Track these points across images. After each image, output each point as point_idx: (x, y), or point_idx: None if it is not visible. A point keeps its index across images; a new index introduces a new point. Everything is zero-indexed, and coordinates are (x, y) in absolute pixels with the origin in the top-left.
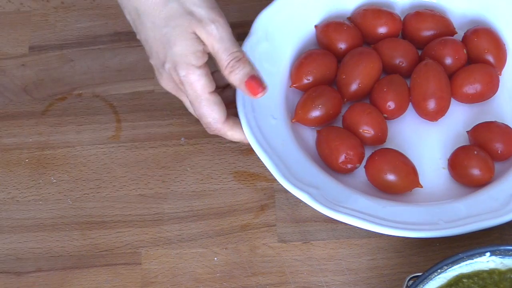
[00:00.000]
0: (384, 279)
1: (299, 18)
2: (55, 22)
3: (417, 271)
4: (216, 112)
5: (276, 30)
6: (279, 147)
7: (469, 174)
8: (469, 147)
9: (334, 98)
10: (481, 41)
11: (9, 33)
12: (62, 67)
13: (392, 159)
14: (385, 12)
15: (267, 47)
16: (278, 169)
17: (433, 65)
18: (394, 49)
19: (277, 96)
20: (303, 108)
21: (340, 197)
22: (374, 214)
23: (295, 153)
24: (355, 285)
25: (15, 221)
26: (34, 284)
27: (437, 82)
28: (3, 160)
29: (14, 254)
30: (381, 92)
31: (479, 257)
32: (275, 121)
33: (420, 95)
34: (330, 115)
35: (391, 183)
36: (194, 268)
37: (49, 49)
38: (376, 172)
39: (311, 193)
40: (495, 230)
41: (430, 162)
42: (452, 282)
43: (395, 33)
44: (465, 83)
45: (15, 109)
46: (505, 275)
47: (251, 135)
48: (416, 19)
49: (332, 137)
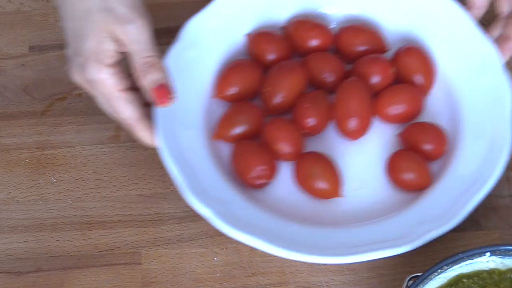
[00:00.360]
0: (384, 279)
1: (230, 26)
2: (55, 22)
3: (417, 271)
4: (129, 110)
5: (205, 38)
6: (191, 158)
7: (406, 178)
8: (405, 151)
9: (255, 115)
10: (410, 61)
11: (9, 33)
12: (62, 67)
13: (322, 163)
14: (317, 25)
15: (195, 55)
16: (186, 181)
17: (357, 83)
18: (322, 64)
19: (198, 106)
20: (224, 126)
21: (247, 214)
22: (278, 234)
23: (208, 166)
24: (355, 285)
25: (15, 221)
26: (34, 284)
27: (359, 101)
28: (3, 160)
29: (14, 254)
30: (302, 108)
31: (479, 257)
32: (193, 131)
33: (341, 113)
34: (251, 132)
35: (317, 188)
36: (194, 268)
37: (49, 49)
38: (303, 174)
39: (216, 209)
40: (495, 230)
41: (347, 182)
42: (452, 282)
43: (326, 46)
44: (389, 103)
45: (15, 109)
46: (505, 275)
47: (162, 142)
48: (348, 34)
49: (246, 151)
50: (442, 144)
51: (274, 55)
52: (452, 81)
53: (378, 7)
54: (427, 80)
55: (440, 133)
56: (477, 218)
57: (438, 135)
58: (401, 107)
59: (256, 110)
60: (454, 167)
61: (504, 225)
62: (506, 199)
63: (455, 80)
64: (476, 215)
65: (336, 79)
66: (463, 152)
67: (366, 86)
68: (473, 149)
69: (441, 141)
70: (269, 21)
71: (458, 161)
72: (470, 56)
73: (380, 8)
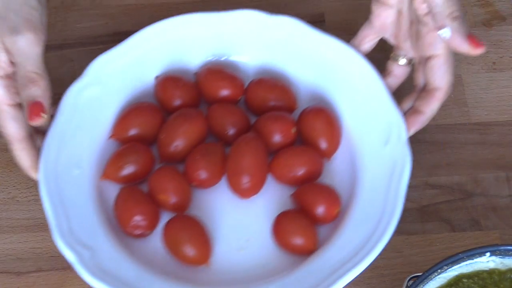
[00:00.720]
0: (384, 279)
1: (140, 66)
2: (55, 22)
3: (417, 271)
4: (13, 127)
5: (111, 76)
6: (70, 199)
7: (292, 241)
8: (293, 212)
9: (146, 158)
10: (316, 123)
11: None
12: (62, 67)
13: (189, 228)
14: (228, 74)
15: (97, 93)
16: (56, 221)
17: (253, 140)
18: (225, 116)
19: (91, 145)
20: (112, 166)
21: (115, 265)
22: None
23: (87, 209)
24: (355, 285)
25: (15, 221)
26: (34, 284)
27: (253, 159)
28: (3, 160)
29: (14, 254)
30: (194, 159)
31: (479, 257)
32: (79, 171)
33: (233, 170)
34: (140, 175)
35: (184, 253)
36: None
37: (49, 49)
38: (171, 239)
39: (81, 255)
40: (495, 230)
41: (231, 241)
42: (452, 282)
43: (236, 97)
44: (285, 165)
45: None
46: (505, 275)
47: (41, 177)
48: (258, 87)
49: (128, 198)
50: (334, 207)
51: (180, 101)
52: (356, 144)
53: (292, 62)
54: (330, 144)
55: (333, 195)
56: (477, 218)
57: (331, 198)
58: (298, 170)
59: (148, 153)
60: (343, 232)
61: (504, 225)
62: (506, 199)
63: (359, 144)
64: (476, 215)
65: (238, 132)
66: (354, 218)
67: (262, 144)
68: (364, 217)
69: (334, 204)
70: (183, 66)
71: (348, 227)
72: (377, 124)
73: (294, 63)
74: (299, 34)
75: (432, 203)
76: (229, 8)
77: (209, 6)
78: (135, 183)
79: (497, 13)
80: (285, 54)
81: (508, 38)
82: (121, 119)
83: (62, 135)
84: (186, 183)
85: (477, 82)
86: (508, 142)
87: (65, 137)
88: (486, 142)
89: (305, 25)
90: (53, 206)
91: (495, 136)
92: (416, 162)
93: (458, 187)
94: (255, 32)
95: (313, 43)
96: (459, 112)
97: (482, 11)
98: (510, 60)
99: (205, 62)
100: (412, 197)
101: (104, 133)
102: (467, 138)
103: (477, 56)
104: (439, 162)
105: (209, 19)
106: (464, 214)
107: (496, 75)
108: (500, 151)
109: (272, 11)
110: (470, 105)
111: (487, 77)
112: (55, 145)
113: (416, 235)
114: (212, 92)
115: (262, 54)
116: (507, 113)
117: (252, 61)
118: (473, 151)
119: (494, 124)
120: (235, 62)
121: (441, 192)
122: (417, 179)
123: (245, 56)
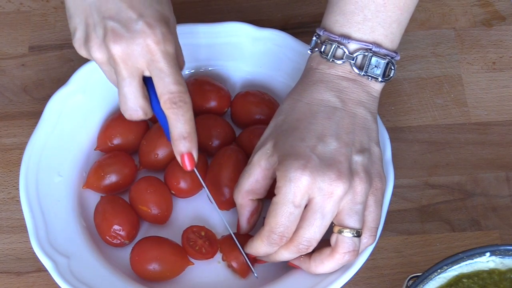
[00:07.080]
0: (384, 279)
1: None
2: (55, 22)
3: (417, 271)
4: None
5: (97, 85)
6: (50, 206)
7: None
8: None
9: (129, 168)
10: None
11: (9, 33)
12: (62, 67)
13: (156, 250)
14: (215, 86)
15: (82, 101)
16: (34, 228)
17: (235, 152)
18: (210, 127)
19: (73, 153)
20: (94, 175)
21: (91, 273)
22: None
23: (67, 217)
24: (355, 285)
25: (15, 221)
26: (34, 284)
27: (234, 171)
28: (3, 160)
29: (14, 254)
30: (174, 169)
31: (479, 257)
32: (60, 178)
33: (214, 181)
34: (122, 185)
35: (153, 273)
36: None
37: (49, 49)
38: (139, 263)
39: (57, 262)
40: (495, 230)
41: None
42: (452, 282)
43: (221, 109)
44: None
45: (15, 109)
46: (505, 275)
47: (21, 182)
48: (244, 100)
49: (108, 208)
50: None
51: None
52: None
53: (279, 74)
54: None
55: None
56: (477, 218)
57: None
58: None
59: (131, 162)
60: None
61: (504, 225)
62: (506, 199)
63: None
64: (476, 215)
65: (221, 144)
66: None
67: (244, 156)
68: None
69: None
70: None
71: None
72: None
73: (281, 76)
74: (286, 47)
75: (432, 203)
76: (230, 11)
77: (209, 6)
78: (117, 193)
79: (497, 13)
80: (272, 66)
81: (508, 38)
82: (103, 130)
83: (45, 141)
84: (168, 195)
85: (477, 82)
86: (508, 142)
87: (48, 144)
88: (486, 142)
89: (292, 38)
90: (32, 212)
91: (495, 136)
92: (416, 162)
93: (458, 187)
94: (243, 44)
95: (300, 56)
96: (459, 112)
97: (482, 11)
98: (510, 60)
99: (192, 73)
100: (412, 197)
101: (87, 141)
102: (467, 138)
103: (477, 56)
104: (439, 162)
105: (197, 30)
106: (464, 214)
107: (496, 75)
108: (500, 151)
109: (276, 10)
110: (470, 105)
111: (487, 77)
112: (37, 152)
113: (416, 235)
114: (199, 103)
115: (249, 66)
116: (507, 113)
117: (239, 73)
118: (473, 151)
119: (494, 124)
120: (222, 74)
121: (441, 192)
122: (417, 179)
123: (232, 68)
